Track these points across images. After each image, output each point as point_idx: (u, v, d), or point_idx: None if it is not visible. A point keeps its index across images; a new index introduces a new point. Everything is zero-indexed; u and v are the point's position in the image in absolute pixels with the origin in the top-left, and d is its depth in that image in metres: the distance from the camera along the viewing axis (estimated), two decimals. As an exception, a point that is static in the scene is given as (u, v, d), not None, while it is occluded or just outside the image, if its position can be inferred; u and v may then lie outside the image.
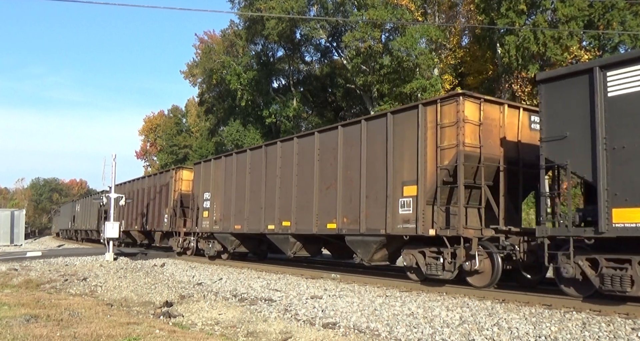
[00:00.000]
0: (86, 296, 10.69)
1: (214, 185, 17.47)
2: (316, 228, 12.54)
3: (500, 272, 9.21)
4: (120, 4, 34.29)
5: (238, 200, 15.96)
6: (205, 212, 17.74)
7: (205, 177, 18.22)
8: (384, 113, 11.26)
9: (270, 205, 14.31)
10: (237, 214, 15.89)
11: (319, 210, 12.52)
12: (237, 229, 15.85)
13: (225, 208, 16.62)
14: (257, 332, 7.18)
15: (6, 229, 36.78)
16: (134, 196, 25.40)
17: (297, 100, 38.83)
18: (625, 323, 6.71)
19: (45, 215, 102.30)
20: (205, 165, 18.48)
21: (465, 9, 32.22)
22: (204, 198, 17.96)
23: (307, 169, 13.12)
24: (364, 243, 11.21)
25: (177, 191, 20.82)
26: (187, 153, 57.62)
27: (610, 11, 22.79)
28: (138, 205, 24.99)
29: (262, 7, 32.90)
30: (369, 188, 11.12)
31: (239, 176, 16.13)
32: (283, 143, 14.31)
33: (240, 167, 16.15)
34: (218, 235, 17.08)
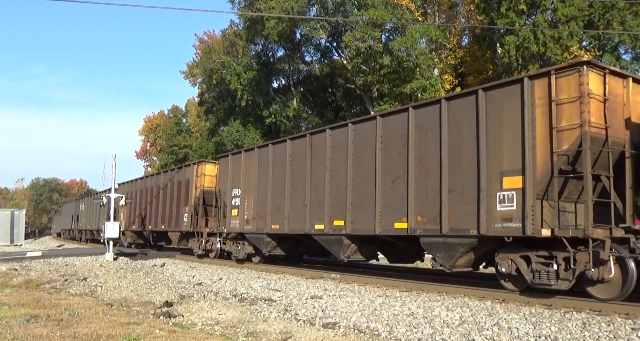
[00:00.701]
0: (86, 296, 10.69)
1: (246, 180, 15.81)
2: (379, 228, 10.84)
3: (634, 281, 7.65)
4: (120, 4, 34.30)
5: (276, 196, 14.32)
6: (234, 210, 16.08)
7: (234, 172, 16.48)
8: (473, 90, 9.42)
9: (318, 201, 12.67)
10: (275, 212, 14.26)
11: (382, 207, 10.84)
12: (275, 229, 14.22)
13: (259, 205, 14.99)
14: (257, 332, 7.18)
15: (6, 229, 36.78)
16: (147, 194, 23.74)
17: (297, 100, 38.84)
18: (625, 323, 6.71)
19: (45, 215, 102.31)
20: (234, 158, 16.66)
21: (465, 9, 32.22)
22: (232, 194, 16.33)
23: (366, 160, 11.37)
24: (447, 246, 9.51)
25: (199, 187, 18.95)
26: (187, 153, 57.61)
27: (610, 11, 22.79)
28: (152, 204, 23.26)
29: (262, 7, 32.90)
30: (453, 180, 9.42)
31: (276, 169, 14.48)
32: (334, 131, 12.56)
33: (278, 159, 14.41)
34: (250, 236, 15.43)
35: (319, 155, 12.87)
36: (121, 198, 21.59)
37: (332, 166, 12.42)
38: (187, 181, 19.83)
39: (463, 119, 9.41)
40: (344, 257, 12.04)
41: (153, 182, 23.71)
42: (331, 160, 12.47)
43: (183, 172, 20.67)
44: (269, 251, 14.85)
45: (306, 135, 13.52)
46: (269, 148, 14.92)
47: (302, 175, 13.37)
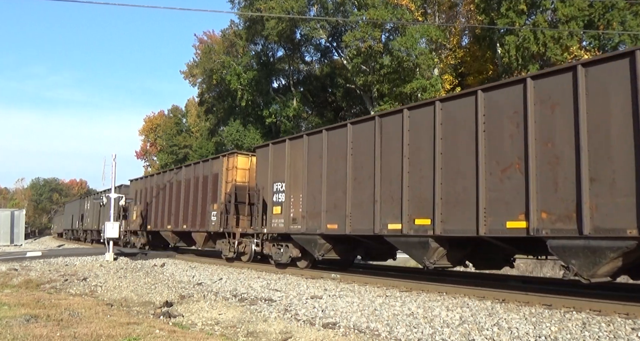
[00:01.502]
0: (86, 296, 10.69)
1: (292, 173, 13.80)
2: (484, 228, 8.80)
3: None
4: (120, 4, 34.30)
5: (332, 191, 12.29)
6: (277, 207, 14.14)
7: (276, 163, 14.43)
8: (629, 51, 7.45)
9: (392, 196, 10.69)
10: (332, 210, 12.25)
11: (488, 202, 8.85)
12: (332, 229, 12.22)
13: (310, 202, 13.00)
14: (257, 332, 7.17)
15: (6, 229, 36.79)
16: (164, 191, 21.81)
17: (297, 100, 38.86)
18: (625, 323, 6.71)
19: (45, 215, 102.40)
20: (276, 148, 14.56)
21: (465, 9, 32.24)
22: (273, 190, 14.34)
23: (462, 145, 9.39)
24: (589, 251, 7.66)
25: (229, 182, 17.04)
26: (187, 153, 57.65)
27: (610, 11, 22.82)
28: (171, 202, 21.14)
29: (262, 7, 32.91)
30: (596, 167, 7.55)
31: (332, 159, 12.43)
32: (413, 111, 10.44)
33: (336, 147, 12.35)
34: (299, 237, 13.37)
35: (392, 141, 10.82)
36: (121, 198, 21.60)
37: (412, 153, 10.32)
38: (216, 175, 17.87)
39: (611, 89, 7.51)
40: (429, 263, 10.07)
41: (171, 178, 21.67)
42: (410, 146, 10.38)
43: (210, 165, 18.56)
44: (322, 255, 12.83)
45: (374, 118, 11.39)
46: (322, 135, 12.76)
47: (369, 165, 11.34)
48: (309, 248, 13.22)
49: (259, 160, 15.51)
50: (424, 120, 10.16)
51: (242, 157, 17.47)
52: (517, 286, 10.46)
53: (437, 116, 9.89)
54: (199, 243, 18.91)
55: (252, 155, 17.11)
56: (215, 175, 17.94)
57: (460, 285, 10.22)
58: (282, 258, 14.29)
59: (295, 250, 13.91)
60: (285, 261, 14.25)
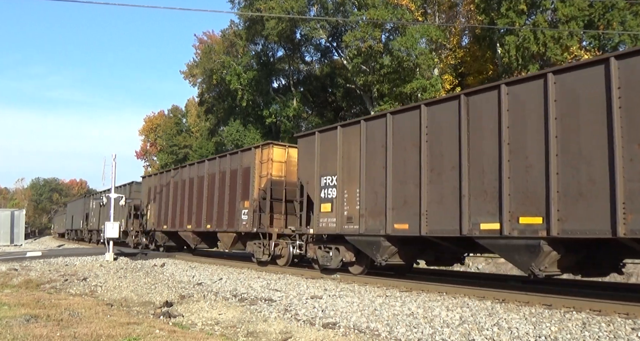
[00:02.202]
0: (86, 296, 10.69)
1: (345, 165, 12.21)
2: (623, 227, 7.25)
3: None
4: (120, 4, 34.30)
5: (400, 184, 10.70)
6: (326, 204, 12.60)
7: (324, 154, 12.86)
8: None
9: (485, 190, 9.05)
10: (401, 207, 10.64)
11: (628, 194, 7.28)
12: (401, 230, 10.63)
13: (371, 198, 11.39)
14: (257, 332, 7.17)
15: (6, 229, 36.80)
16: (184, 187, 20.16)
17: (297, 100, 38.86)
18: (625, 323, 6.71)
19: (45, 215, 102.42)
20: (325, 136, 12.96)
21: (465, 9, 32.24)
22: (321, 184, 12.80)
23: (585, 125, 7.85)
24: None
25: (264, 177, 15.38)
26: (187, 153, 57.65)
27: (610, 11, 22.81)
28: (192, 199, 19.41)
29: (262, 7, 32.91)
30: None
31: (400, 147, 10.81)
32: (514, 88, 8.88)
33: (404, 133, 10.74)
34: (356, 239, 11.78)
35: (485, 124, 9.18)
36: (121, 198, 21.59)
37: (514, 138, 8.75)
38: (247, 169, 16.17)
39: None
40: (539, 270, 8.46)
41: (192, 173, 19.85)
42: (511, 129, 8.79)
43: (239, 158, 16.79)
44: (385, 259, 11.14)
45: (458, 97, 9.70)
46: (385, 119, 11.15)
47: (451, 153, 9.70)
48: (368, 251, 11.51)
49: (302, 151, 13.75)
50: (530, 98, 8.58)
51: (278, 148, 15.70)
52: (517, 286, 10.46)
53: (550, 91, 8.27)
54: (226, 245, 17.20)
55: (289, 146, 15.84)
56: (246, 169, 16.20)
57: (460, 285, 10.23)
58: (330, 262, 12.59)
59: (349, 254, 12.12)
60: (335, 266, 12.58)
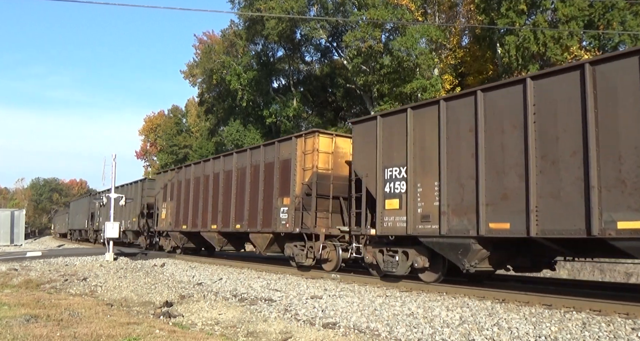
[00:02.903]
0: (86, 296, 10.69)
1: (418, 153, 10.53)
2: None
3: None
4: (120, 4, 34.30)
5: (497, 176, 9.00)
6: (392, 200, 10.95)
7: (389, 141, 11.22)
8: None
9: (623, 180, 7.46)
10: (499, 202, 8.92)
11: None
12: (499, 230, 8.92)
13: (455, 192, 9.70)
14: (257, 332, 7.17)
15: (6, 229, 36.80)
16: (207, 183, 18.33)
17: (297, 100, 38.86)
18: (625, 323, 6.71)
19: (45, 215, 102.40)
20: (389, 121, 11.29)
21: (465, 9, 32.24)
22: (385, 177, 11.17)
23: None
24: None
25: (308, 170, 13.51)
26: (187, 153, 57.65)
27: (610, 11, 22.80)
28: (217, 196, 17.48)
29: (262, 7, 32.91)
30: None
31: (495, 131, 9.13)
32: None
33: (500, 114, 9.08)
34: (435, 241, 10.04)
35: (620, 96, 7.60)
36: (121, 198, 21.58)
37: None
38: (286, 162, 14.34)
39: None
40: None
41: (217, 167, 17.86)
42: None
43: (276, 149, 14.89)
44: (474, 265, 9.48)
45: (582, 66, 8.04)
46: (474, 97, 9.50)
47: (570, 135, 8.09)
48: (451, 256, 9.80)
49: (358, 139, 12.13)
50: None
51: (324, 137, 13.76)
52: (517, 286, 10.47)
53: None
54: (260, 247, 15.31)
55: (336, 134, 14.11)
56: (285, 162, 14.36)
57: (460, 285, 10.22)
58: (396, 268, 10.83)
59: (422, 259, 10.39)
60: (402, 272, 10.81)
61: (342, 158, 13.83)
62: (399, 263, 10.82)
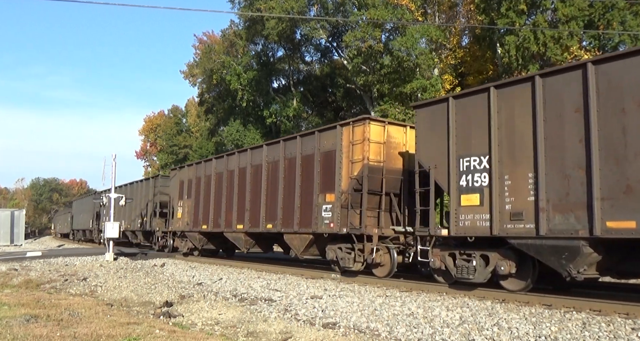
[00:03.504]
0: (86, 296, 10.69)
1: (505, 140, 9.11)
2: None
3: None
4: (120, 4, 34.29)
5: (615, 164, 7.69)
6: (470, 195, 9.50)
7: (465, 127, 9.77)
8: None
9: None
10: (620, 196, 7.60)
11: None
12: (619, 229, 7.59)
13: (557, 184, 8.31)
14: (257, 332, 7.17)
15: (6, 229, 36.82)
16: (231, 179, 16.74)
17: (297, 100, 38.87)
18: (625, 323, 6.71)
19: (45, 215, 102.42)
20: (465, 103, 9.86)
21: (465, 9, 32.25)
22: (460, 168, 9.76)
23: None
24: None
25: (358, 162, 11.96)
26: (187, 153, 57.66)
27: (611, 11, 22.81)
28: (244, 193, 15.98)
29: (262, 7, 32.92)
30: None
31: (612, 112, 7.81)
32: None
33: (617, 91, 7.80)
34: (531, 244, 8.58)
35: None
36: (121, 198, 21.58)
37: None
38: (329, 154, 12.83)
39: None
40: None
41: (243, 162, 16.34)
42: None
43: (315, 140, 13.32)
44: (581, 271, 8.13)
45: None
46: (582, 72, 8.15)
47: None
48: (553, 261, 8.34)
49: (423, 125, 10.66)
50: None
51: (375, 125, 12.23)
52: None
53: None
54: (297, 249, 13.79)
55: (388, 122, 12.61)
56: (327, 154, 12.89)
57: (460, 285, 10.21)
58: (473, 275, 9.37)
59: (508, 263, 8.94)
60: (481, 280, 9.30)
61: (395, 149, 12.41)
62: (477, 268, 9.30)
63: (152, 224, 22.90)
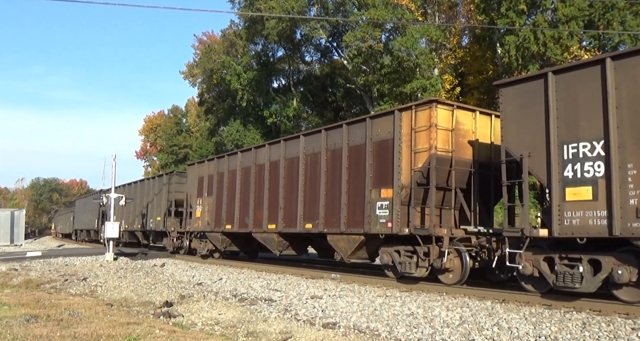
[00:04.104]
0: (86, 296, 10.69)
1: (628, 120, 7.63)
2: None
3: None
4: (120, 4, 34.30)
5: None
6: (580, 188, 8.02)
7: (571, 107, 8.22)
8: None
9: None
10: None
11: None
12: None
13: None
14: (257, 332, 7.17)
15: (6, 229, 36.82)
16: (261, 174, 15.12)
17: (297, 100, 38.89)
18: (625, 323, 6.71)
19: (45, 215, 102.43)
20: (569, 79, 8.30)
21: (465, 9, 32.28)
22: (564, 156, 8.24)
23: None
24: None
25: (422, 151, 10.32)
26: (187, 153, 57.69)
27: (610, 11, 22.83)
28: (277, 189, 14.32)
29: (262, 7, 32.93)
30: None
31: None
32: None
33: None
34: None
35: None
36: (121, 198, 21.55)
37: None
38: (384, 143, 11.19)
39: None
40: None
41: (274, 154, 14.75)
42: None
43: (368, 127, 11.57)
44: None
45: None
46: None
47: None
48: None
49: (512, 106, 9.10)
50: None
51: (443, 109, 10.58)
52: (517, 286, 10.45)
53: None
54: (343, 252, 12.09)
55: (457, 106, 10.91)
56: (382, 143, 11.25)
57: (460, 285, 10.21)
58: (580, 283, 7.86)
59: (628, 270, 7.55)
60: (591, 289, 7.83)
61: (464, 138, 10.81)
62: (584, 276, 7.81)
63: (166, 224, 21.31)
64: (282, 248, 14.54)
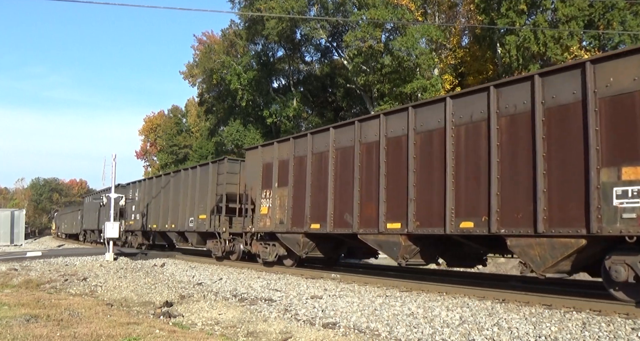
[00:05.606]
0: (86, 296, 10.69)
1: None
2: None
3: None
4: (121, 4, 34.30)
5: None
6: None
7: None
8: None
9: None
10: None
11: None
12: None
13: None
14: (257, 332, 7.17)
15: (6, 229, 36.83)
16: (369, 154, 11.30)
17: (297, 100, 38.88)
18: (625, 323, 6.71)
19: (45, 215, 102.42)
20: None
21: (465, 9, 32.27)
22: None
23: None
24: None
25: None
26: (187, 153, 57.70)
27: (611, 11, 22.83)
28: (400, 173, 10.42)
29: (262, 7, 32.93)
30: None
31: None
32: None
33: None
34: None
35: None
36: (121, 198, 21.53)
37: None
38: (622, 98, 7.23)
39: None
40: None
41: (393, 128, 10.74)
42: None
43: (589, 76, 7.51)
44: None
45: None
46: None
47: None
48: None
49: None
50: None
51: None
52: (517, 286, 10.46)
53: None
54: (537, 263, 8.19)
55: None
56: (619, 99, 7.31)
57: (460, 285, 10.22)
58: None
59: None
60: None
61: None
62: None
63: (215, 223, 17.51)
64: (410, 255, 10.64)
